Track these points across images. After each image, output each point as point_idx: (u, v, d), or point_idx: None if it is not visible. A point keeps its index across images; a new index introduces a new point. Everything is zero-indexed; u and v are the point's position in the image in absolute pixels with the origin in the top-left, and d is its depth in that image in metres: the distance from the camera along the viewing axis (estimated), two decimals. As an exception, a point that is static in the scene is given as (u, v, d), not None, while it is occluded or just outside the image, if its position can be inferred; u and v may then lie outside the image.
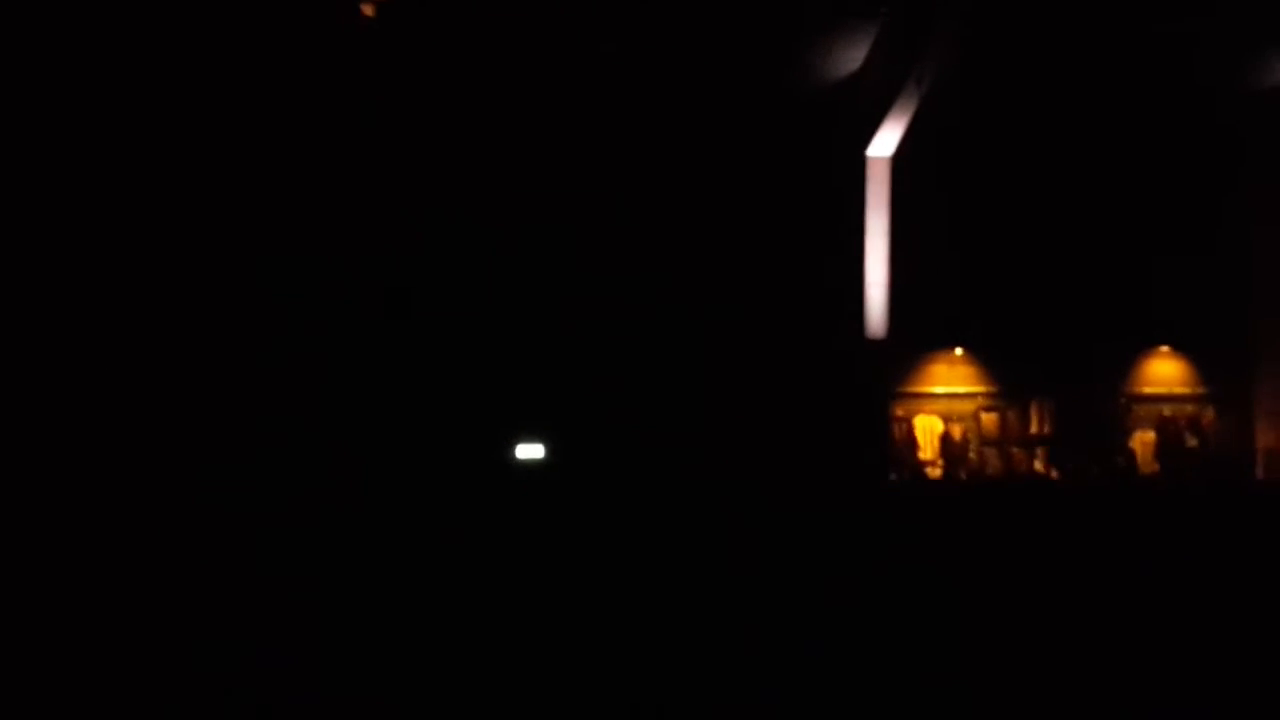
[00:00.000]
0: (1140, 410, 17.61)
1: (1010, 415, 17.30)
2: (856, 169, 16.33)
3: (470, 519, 11.76)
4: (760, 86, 16.09)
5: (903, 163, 16.22)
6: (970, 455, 17.06)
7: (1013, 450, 17.17)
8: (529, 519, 12.14)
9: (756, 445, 15.34)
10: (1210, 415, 17.69)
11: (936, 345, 17.28)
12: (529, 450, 15.09)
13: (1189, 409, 17.65)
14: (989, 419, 17.28)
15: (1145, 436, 17.42)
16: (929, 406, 17.24)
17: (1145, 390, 17.71)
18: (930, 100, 15.35)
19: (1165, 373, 17.82)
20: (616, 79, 15.74)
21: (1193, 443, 17.44)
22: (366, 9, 13.56)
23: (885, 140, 15.99)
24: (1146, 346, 17.75)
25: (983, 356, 17.35)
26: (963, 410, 17.30)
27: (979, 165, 16.77)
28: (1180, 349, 17.78)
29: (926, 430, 17.08)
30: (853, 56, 15.71)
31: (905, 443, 16.95)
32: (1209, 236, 17.35)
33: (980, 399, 17.36)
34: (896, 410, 16.89)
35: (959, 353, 17.39)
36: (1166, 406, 17.62)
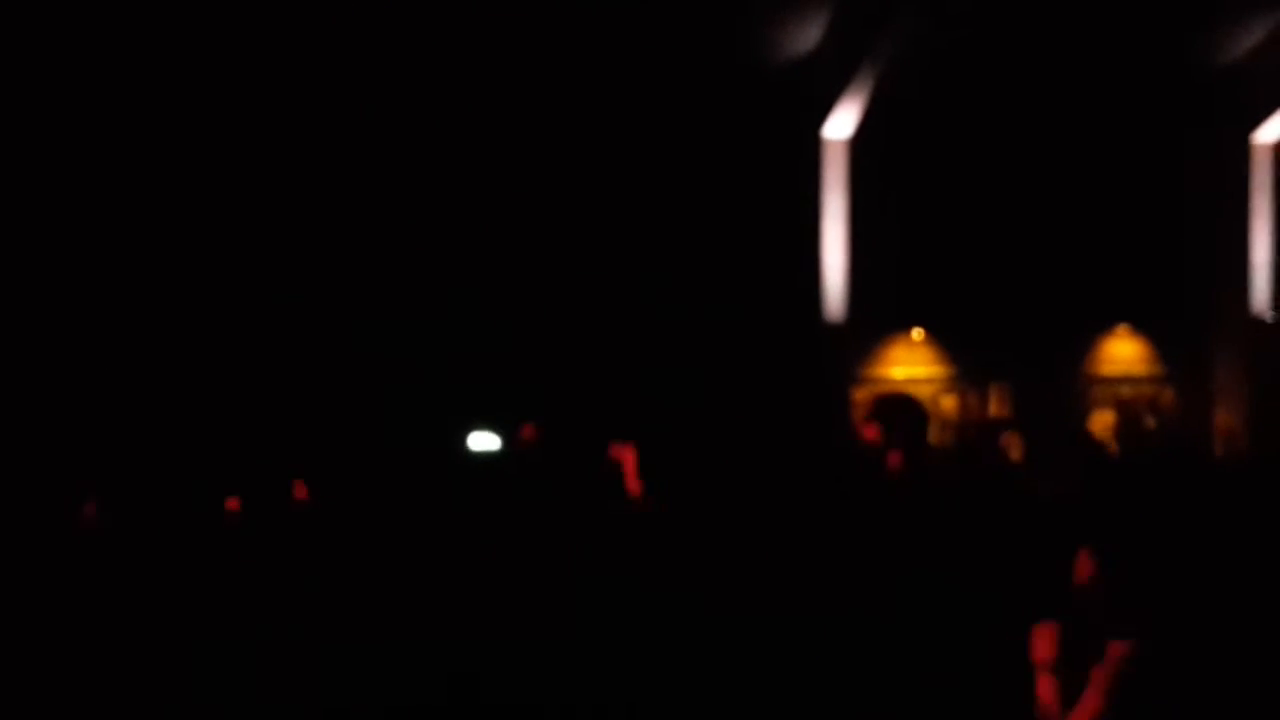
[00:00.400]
0: (1099, 391, 17.68)
1: (969, 398, 17.31)
2: (813, 151, 16.22)
3: (422, 512, 11.54)
4: (714, 69, 15.93)
5: (860, 145, 16.14)
6: (931, 437, 17.05)
7: (973, 432, 17.15)
8: (483, 513, 11.93)
9: (716, 429, 15.21)
10: (1169, 395, 17.81)
11: (895, 329, 17.23)
12: (483, 441, 14.82)
13: (1147, 389, 17.76)
14: (948, 401, 17.29)
15: (1104, 417, 17.46)
16: (888, 390, 17.21)
17: (1103, 372, 17.78)
18: (887, 82, 15.25)
19: (1123, 354, 17.90)
20: (568, 64, 15.54)
21: (1151, 423, 17.55)
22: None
23: (842, 122, 15.88)
24: (1104, 328, 17.81)
25: (942, 339, 17.33)
26: (922, 393, 17.30)
27: (937, 148, 16.71)
28: (1138, 330, 17.86)
29: (886, 414, 17.04)
30: (807, 37, 15.57)
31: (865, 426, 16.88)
32: (1166, 220, 17.43)
33: (939, 382, 17.35)
34: (856, 394, 16.82)
35: (917, 336, 17.36)
36: (1125, 387, 17.71)
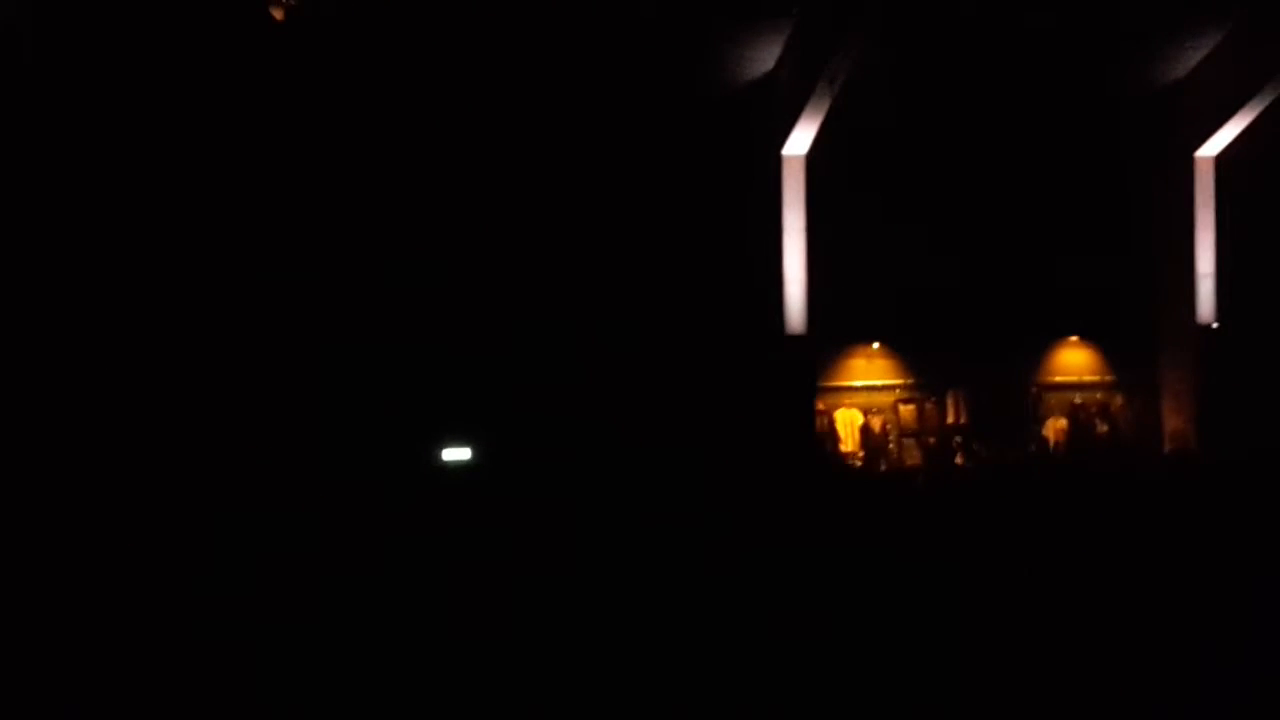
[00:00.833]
0: (1052, 399, 18.12)
1: (927, 406, 17.66)
2: (772, 168, 16.50)
3: (398, 521, 11.74)
4: (674, 88, 16.24)
5: (818, 161, 16.43)
6: (890, 446, 17.37)
7: (930, 440, 17.52)
8: (457, 521, 12.15)
9: (681, 441, 15.48)
10: (1119, 401, 18.26)
11: (855, 340, 17.59)
12: (456, 453, 15.07)
13: (1098, 396, 18.21)
14: (907, 410, 17.62)
15: (1058, 423, 17.92)
16: (849, 400, 17.53)
17: (1056, 379, 18.22)
18: (843, 99, 15.55)
19: (1075, 362, 18.34)
20: (533, 83, 15.79)
21: (1103, 428, 17.98)
22: (276, 12, 13.46)
23: (800, 139, 16.18)
24: (1056, 338, 18.28)
25: (899, 350, 17.70)
26: (882, 402, 17.62)
27: (893, 163, 17.13)
28: (1088, 339, 18.34)
29: (847, 423, 17.35)
30: (766, 56, 15.90)
31: (827, 435, 17.22)
32: (1114, 233, 17.94)
33: (898, 391, 17.70)
34: (818, 404, 17.12)
35: (876, 347, 17.72)
36: (1077, 394, 18.13)
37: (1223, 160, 17.29)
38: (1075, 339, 18.28)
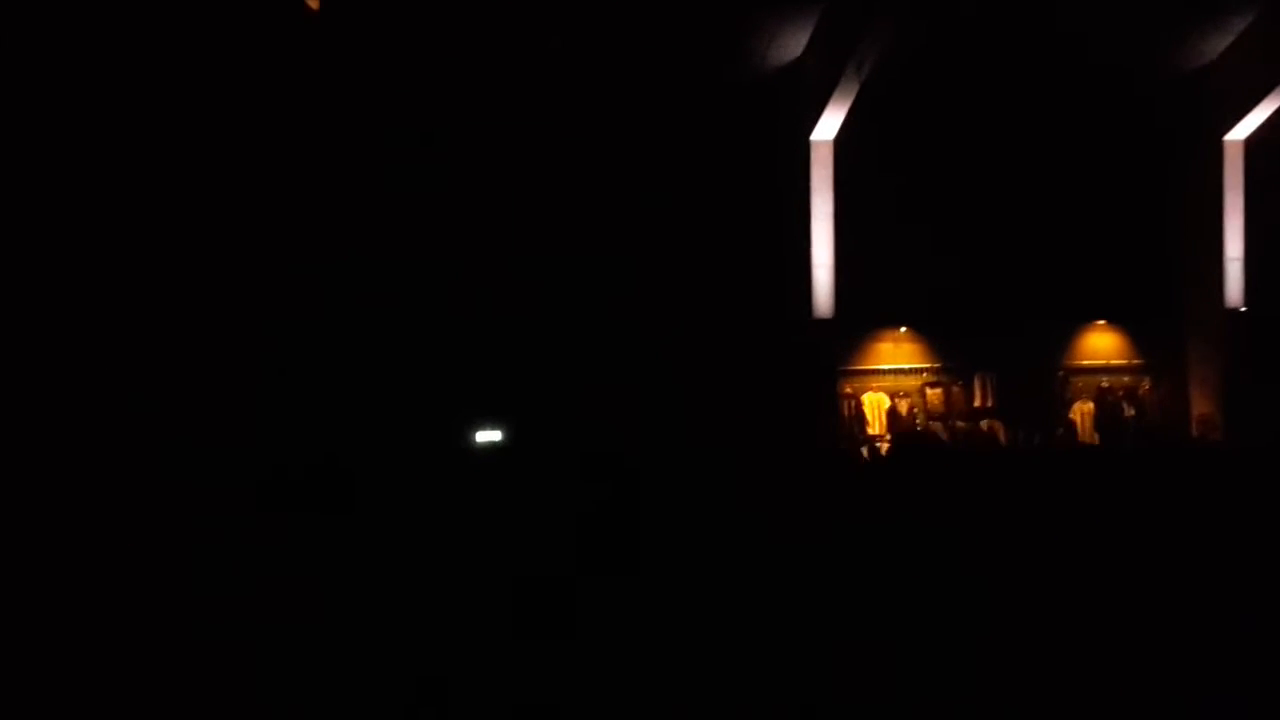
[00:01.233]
0: (1079, 382, 18.17)
1: (954, 390, 17.75)
2: (800, 153, 16.61)
3: (432, 501, 11.91)
4: (703, 74, 16.35)
5: (846, 146, 16.51)
6: (916, 430, 17.46)
7: (957, 424, 17.60)
8: (489, 501, 12.31)
9: (709, 425, 15.62)
10: (1146, 385, 18.29)
11: (882, 324, 17.68)
12: (487, 435, 15.27)
13: (1125, 380, 18.24)
14: (934, 394, 17.72)
15: (1084, 407, 17.97)
16: (876, 383, 17.64)
17: (1083, 363, 18.27)
18: (871, 84, 15.62)
19: (1102, 346, 18.38)
20: (563, 71, 15.92)
21: (1130, 412, 18.02)
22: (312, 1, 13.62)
23: (828, 124, 16.25)
24: (1083, 321, 18.31)
25: (927, 334, 17.79)
26: (908, 386, 17.73)
27: (921, 147, 17.20)
28: (1115, 323, 18.36)
29: (874, 406, 17.46)
30: (794, 42, 15.98)
31: (854, 419, 17.33)
32: (1142, 217, 17.94)
33: (925, 375, 17.80)
34: (844, 388, 17.23)
35: (903, 331, 17.81)
36: (1104, 378, 18.17)
37: (1252, 144, 17.24)
38: (1103, 322, 18.31)
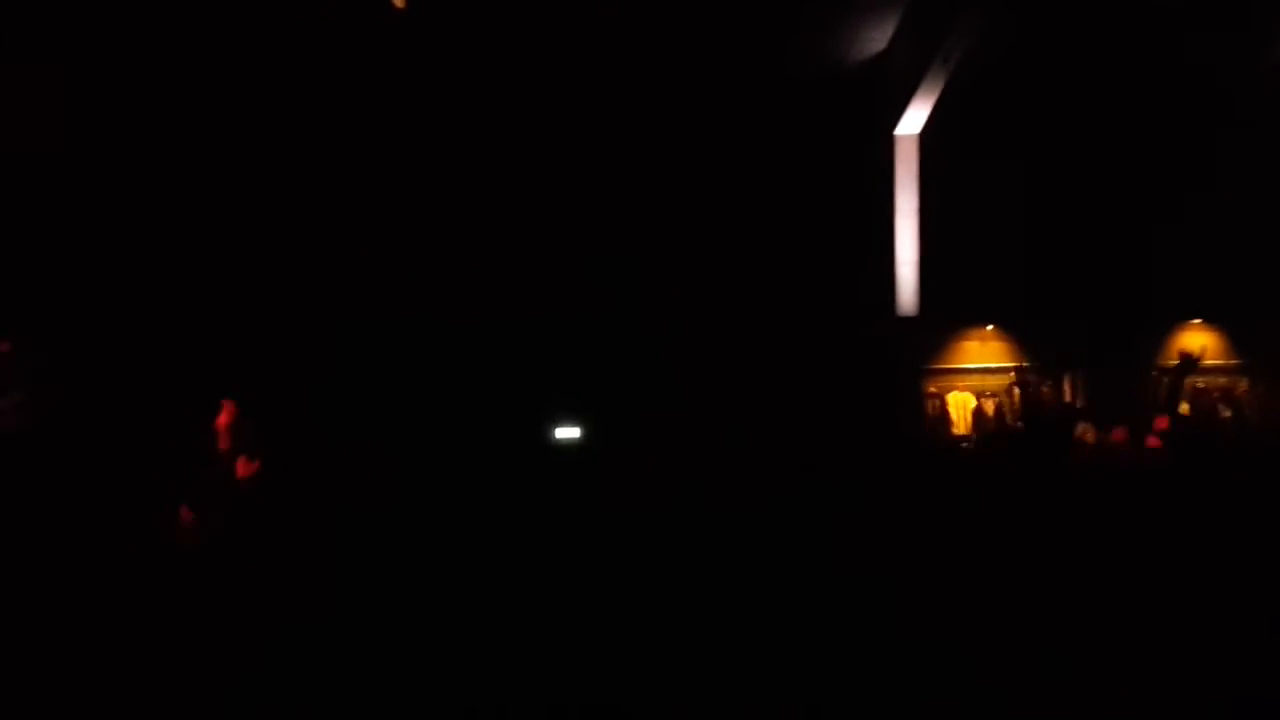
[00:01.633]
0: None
1: (1043, 390, 17.35)
2: (885, 148, 16.42)
3: (511, 497, 11.96)
4: (787, 69, 16.22)
5: (931, 140, 16.30)
6: (1003, 429, 17.12)
7: (1047, 424, 17.18)
8: (568, 497, 12.32)
9: (791, 424, 15.48)
10: (1243, 386, 17.75)
11: (968, 322, 17.35)
12: (566, 432, 15.34)
13: (1222, 380, 17.70)
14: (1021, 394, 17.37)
15: (1179, 408, 17.45)
16: (961, 382, 17.32)
17: (1177, 363, 17.72)
18: (958, 77, 15.40)
19: (1197, 346, 17.82)
20: (645, 66, 15.89)
21: (1226, 413, 17.48)
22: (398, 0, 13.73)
23: (913, 118, 16.05)
24: (1178, 320, 17.79)
25: (1014, 332, 17.43)
26: (995, 385, 17.39)
27: (1008, 141, 16.84)
28: (1212, 322, 17.82)
29: (959, 406, 17.16)
30: (879, 35, 15.79)
31: (938, 418, 17.05)
32: (1240, 212, 17.39)
33: (1012, 374, 17.45)
34: (929, 387, 16.97)
35: (990, 329, 17.48)
36: (1200, 378, 17.64)
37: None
38: (1199, 321, 17.80)
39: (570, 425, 15.32)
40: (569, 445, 15.29)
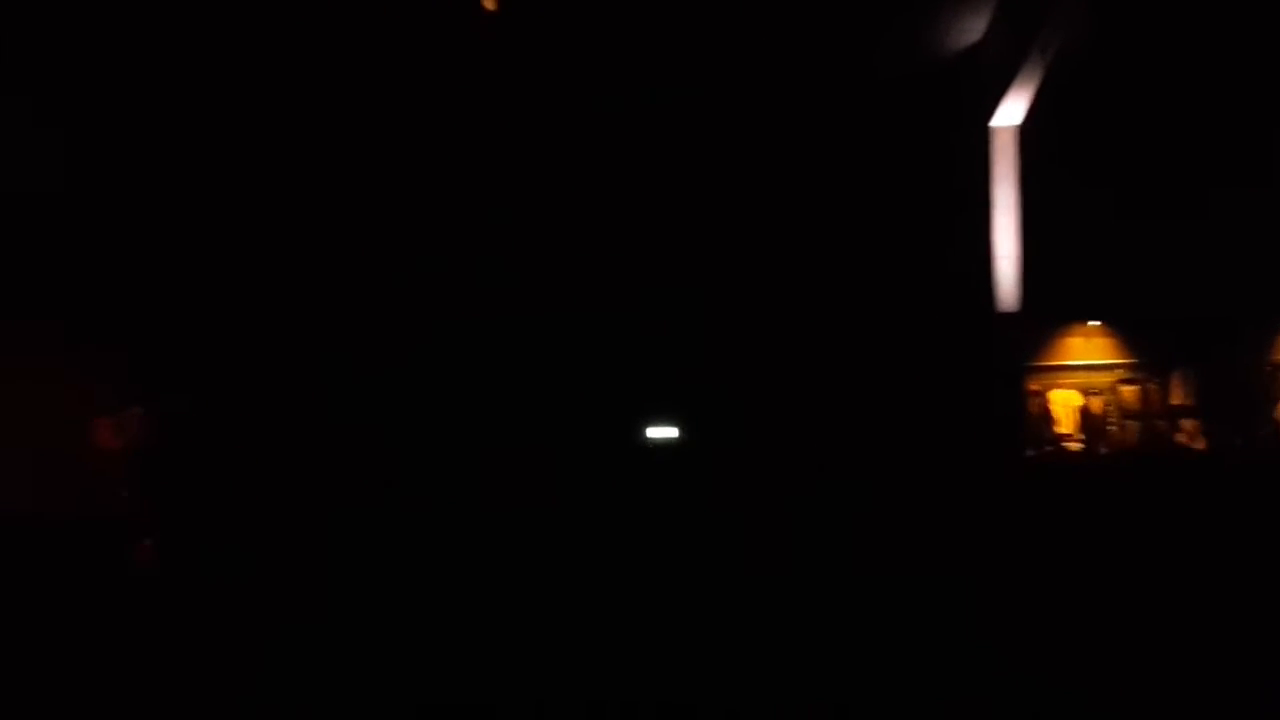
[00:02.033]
0: (1294, 379, 17.04)
1: (1151, 387, 16.83)
2: (981, 141, 16.09)
3: (607, 493, 11.96)
4: (880, 61, 16.03)
5: (1029, 132, 15.95)
6: (1110, 429, 16.66)
7: (1156, 423, 16.70)
8: (662, 494, 12.28)
9: (889, 422, 15.28)
10: (1363, 380, 17.04)
11: (1071, 317, 16.88)
12: (661, 431, 15.36)
13: (1341, 375, 17.04)
14: (1129, 391, 16.83)
15: (1293, 405, 16.86)
16: (1065, 380, 16.86)
17: (1292, 358, 17.15)
18: (1056, 67, 15.04)
19: (1311, 340, 17.21)
20: (734, 59, 15.82)
21: (1346, 409, 16.81)
22: (489, 2, 13.80)
23: (1010, 110, 15.73)
24: (1292, 314, 17.20)
25: (1120, 328, 16.92)
26: (1100, 383, 16.88)
27: (1109, 132, 16.40)
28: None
29: (1063, 404, 16.72)
30: (974, 26, 15.51)
31: (1040, 417, 16.64)
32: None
33: (1119, 371, 16.93)
34: (1030, 384, 16.58)
35: (1095, 324, 17.01)
36: (1314, 374, 17.01)
37: None
38: (1314, 314, 17.17)
39: (666, 424, 15.34)
40: (663, 445, 15.29)
